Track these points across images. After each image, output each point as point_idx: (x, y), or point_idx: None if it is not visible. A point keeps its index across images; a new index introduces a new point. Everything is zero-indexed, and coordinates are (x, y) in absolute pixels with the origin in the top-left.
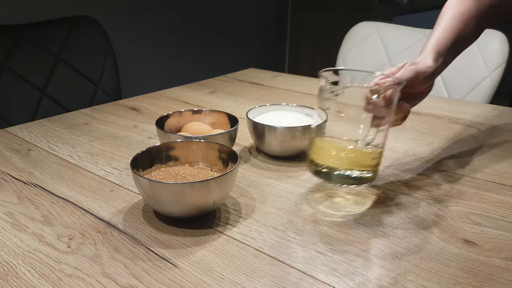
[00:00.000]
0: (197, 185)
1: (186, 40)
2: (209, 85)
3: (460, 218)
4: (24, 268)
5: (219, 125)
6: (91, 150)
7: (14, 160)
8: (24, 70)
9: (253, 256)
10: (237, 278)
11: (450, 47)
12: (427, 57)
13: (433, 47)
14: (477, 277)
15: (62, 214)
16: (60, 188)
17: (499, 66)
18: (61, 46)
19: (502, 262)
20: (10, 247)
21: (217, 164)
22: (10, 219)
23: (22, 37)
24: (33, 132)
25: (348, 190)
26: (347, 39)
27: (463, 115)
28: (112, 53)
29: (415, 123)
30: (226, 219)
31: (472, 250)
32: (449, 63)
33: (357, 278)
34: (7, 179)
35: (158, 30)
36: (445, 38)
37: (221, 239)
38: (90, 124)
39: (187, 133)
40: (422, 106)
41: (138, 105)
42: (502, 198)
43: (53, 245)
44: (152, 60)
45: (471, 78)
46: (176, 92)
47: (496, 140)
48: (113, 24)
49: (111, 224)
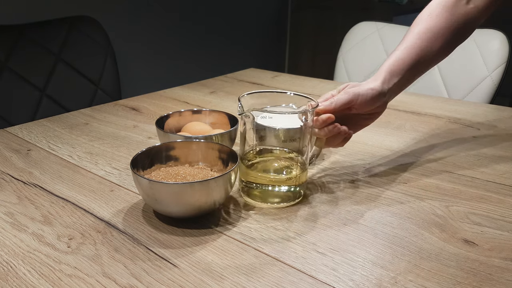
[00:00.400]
0: (197, 185)
1: (186, 40)
2: (209, 85)
3: (460, 218)
4: (24, 268)
5: (219, 125)
6: (91, 150)
7: (14, 160)
8: (24, 70)
9: (253, 256)
10: (237, 278)
11: (410, 67)
12: (376, 79)
13: (387, 68)
14: (477, 277)
15: (62, 214)
16: (60, 188)
17: (499, 66)
18: (61, 46)
19: (502, 262)
20: (10, 247)
21: (217, 164)
22: (10, 219)
23: (22, 37)
24: (33, 132)
25: (348, 191)
26: (347, 39)
27: (463, 115)
28: (112, 53)
29: (415, 123)
30: (226, 219)
31: (472, 250)
32: (411, 81)
33: (357, 278)
34: (7, 179)
35: (158, 30)
36: (403, 59)
37: (221, 239)
38: (90, 124)
39: (187, 133)
40: (422, 106)
41: (138, 105)
42: (502, 198)
43: (53, 245)
44: (152, 60)
45: (471, 78)
46: (176, 92)
47: (496, 140)
48: (113, 24)
49: (111, 224)
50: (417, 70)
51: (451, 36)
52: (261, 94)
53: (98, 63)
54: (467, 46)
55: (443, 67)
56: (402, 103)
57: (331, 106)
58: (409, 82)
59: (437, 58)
